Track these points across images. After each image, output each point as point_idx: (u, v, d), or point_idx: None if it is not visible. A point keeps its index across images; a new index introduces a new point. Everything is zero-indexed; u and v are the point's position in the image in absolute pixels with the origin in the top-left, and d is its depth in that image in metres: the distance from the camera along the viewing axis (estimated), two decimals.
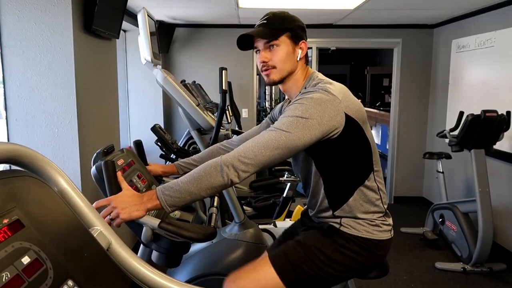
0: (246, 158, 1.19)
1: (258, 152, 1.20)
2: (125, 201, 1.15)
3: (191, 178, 1.20)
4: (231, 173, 1.18)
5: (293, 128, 1.21)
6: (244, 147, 1.22)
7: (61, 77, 2.12)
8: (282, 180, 2.79)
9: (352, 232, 1.37)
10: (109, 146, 1.42)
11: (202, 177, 1.19)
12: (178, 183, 1.19)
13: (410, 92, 4.92)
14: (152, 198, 1.18)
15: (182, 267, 2.06)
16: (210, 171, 1.19)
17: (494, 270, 3.14)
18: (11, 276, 0.63)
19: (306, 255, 1.36)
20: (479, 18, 3.80)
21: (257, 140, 1.22)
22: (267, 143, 1.21)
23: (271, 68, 1.38)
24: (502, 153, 3.40)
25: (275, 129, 1.23)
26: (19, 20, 2.06)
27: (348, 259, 1.36)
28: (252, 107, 5.02)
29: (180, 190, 1.18)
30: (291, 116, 1.23)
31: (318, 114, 1.22)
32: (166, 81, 2.05)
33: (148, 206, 1.17)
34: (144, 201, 1.17)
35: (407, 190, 5.08)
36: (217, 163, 1.20)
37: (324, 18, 4.31)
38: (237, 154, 1.20)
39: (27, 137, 2.13)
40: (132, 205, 1.15)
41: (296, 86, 1.42)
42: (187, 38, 4.79)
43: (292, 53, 1.39)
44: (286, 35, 1.37)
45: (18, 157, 0.83)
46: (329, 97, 1.26)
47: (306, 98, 1.26)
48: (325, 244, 1.37)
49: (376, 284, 2.89)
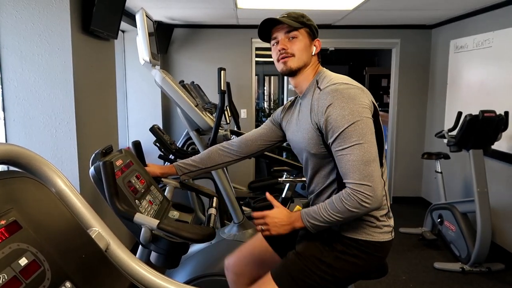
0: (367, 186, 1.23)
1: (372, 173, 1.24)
2: (279, 217, 1.36)
3: (329, 212, 1.28)
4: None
5: (360, 136, 1.24)
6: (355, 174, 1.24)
7: (59, 78, 2.12)
8: (281, 181, 2.79)
9: (352, 235, 1.36)
10: (107, 147, 1.41)
11: (343, 213, 1.25)
12: (319, 214, 1.29)
13: (408, 92, 4.92)
14: (299, 221, 1.34)
15: (181, 268, 2.06)
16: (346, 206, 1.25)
17: (492, 270, 3.14)
18: (8, 278, 0.62)
19: (307, 268, 1.36)
20: (477, 19, 3.81)
21: (352, 165, 1.25)
22: (364, 159, 1.24)
23: (290, 56, 1.41)
24: (500, 153, 3.40)
25: (352, 147, 1.25)
26: (17, 21, 2.05)
27: (349, 265, 1.36)
28: (251, 107, 5.01)
29: (322, 221, 1.29)
30: (348, 126, 1.25)
31: (361, 108, 1.27)
32: (164, 81, 2.05)
33: (295, 225, 1.35)
34: (292, 221, 1.35)
35: (406, 190, 5.08)
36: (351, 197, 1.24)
37: (323, 19, 4.32)
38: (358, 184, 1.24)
39: (25, 138, 2.12)
40: (281, 224, 1.35)
41: (307, 80, 1.44)
42: (185, 39, 4.79)
43: (309, 47, 1.44)
44: (304, 29, 1.43)
45: (15, 158, 0.82)
46: (353, 89, 1.31)
47: (340, 100, 1.28)
48: (325, 253, 1.37)
49: (375, 284, 2.89)
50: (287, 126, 1.58)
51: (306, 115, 1.39)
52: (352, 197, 1.22)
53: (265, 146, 1.70)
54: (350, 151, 1.24)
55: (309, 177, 1.48)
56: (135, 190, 1.38)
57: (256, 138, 1.69)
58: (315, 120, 1.34)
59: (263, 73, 9.61)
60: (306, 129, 1.39)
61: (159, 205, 1.48)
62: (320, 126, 1.32)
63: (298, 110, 1.50)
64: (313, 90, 1.40)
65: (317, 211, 1.29)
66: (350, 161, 1.24)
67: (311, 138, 1.37)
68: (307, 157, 1.44)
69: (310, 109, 1.36)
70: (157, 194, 1.52)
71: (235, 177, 4.28)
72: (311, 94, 1.40)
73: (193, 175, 1.71)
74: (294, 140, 1.50)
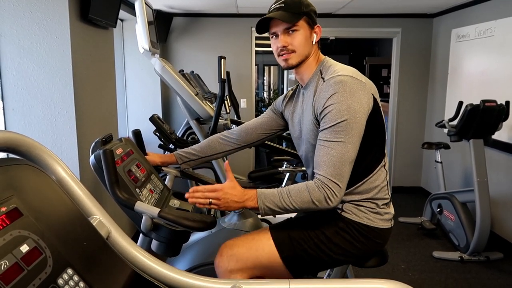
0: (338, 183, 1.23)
1: (343, 170, 1.24)
2: (230, 193, 1.25)
3: (292, 198, 1.25)
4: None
5: (348, 135, 1.24)
6: (328, 168, 1.24)
7: (58, 67, 2.10)
8: (281, 170, 2.78)
9: (353, 218, 1.37)
10: (107, 136, 1.41)
11: (304, 203, 1.24)
12: (279, 199, 1.25)
13: (409, 82, 4.90)
14: (253, 201, 1.27)
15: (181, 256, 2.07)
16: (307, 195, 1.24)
17: (491, 259, 3.16)
18: (10, 264, 0.62)
19: (306, 233, 1.37)
20: (479, 7, 3.78)
21: (332, 161, 1.24)
22: (344, 158, 1.24)
23: (291, 53, 1.38)
24: (501, 143, 3.40)
25: (335, 142, 1.24)
26: (14, 8, 2.02)
27: (346, 243, 1.37)
28: (250, 97, 4.99)
29: (280, 206, 1.26)
30: (340, 122, 1.24)
31: (358, 106, 1.25)
32: (164, 70, 2.04)
33: (247, 204, 1.27)
34: (245, 199, 1.27)
35: (405, 180, 5.09)
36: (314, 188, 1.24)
37: (323, 7, 4.28)
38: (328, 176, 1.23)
39: (24, 127, 2.11)
40: (233, 201, 1.26)
41: (309, 69, 1.43)
42: (185, 28, 4.75)
43: (309, 37, 1.39)
44: (303, 19, 1.37)
45: (15, 145, 0.82)
46: (357, 83, 1.28)
47: (339, 93, 1.26)
48: (326, 226, 1.38)
49: (374, 273, 2.90)
50: (290, 115, 1.56)
51: (310, 106, 1.38)
52: (320, 190, 1.23)
53: (265, 135, 1.69)
54: (333, 146, 1.25)
55: (311, 168, 1.48)
56: (136, 178, 1.38)
57: (256, 127, 1.69)
58: (315, 110, 1.33)
59: (262, 63, 9.54)
60: (309, 120, 1.38)
61: (160, 193, 1.48)
62: (318, 115, 1.32)
63: (301, 100, 1.48)
64: (317, 81, 1.38)
65: (278, 196, 1.26)
66: (329, 155, 1.24)
67: (313, 129, 1.37)
68: (308, 147, 1.43)
69: (313, 100, 1.35)
70: (157, 183, 1.52)
71: (235, 166, 4.27)
72: (314, 85, 1.38)
73: (194, 164, 1.70)
74: (298, 130, 1.49)
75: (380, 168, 1.39)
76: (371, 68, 7.58)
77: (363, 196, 1.37)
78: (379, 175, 1.39)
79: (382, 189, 1.39)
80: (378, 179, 1.38)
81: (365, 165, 1.36)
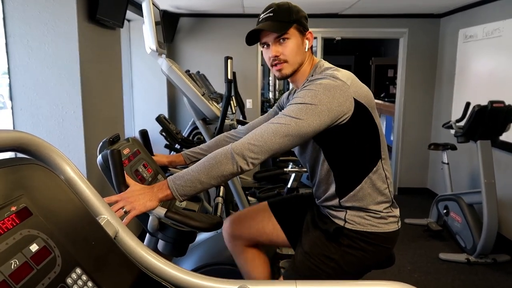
0: (255, 146, 1.18)
1: (267, 139, 1.19)
2: (136, 194, 1.15)
3: (202, 167, 1.18)
4: (241, 161, 1.17)
5: (303, 114, 1.20)
6: (254, 134, 1.21)
7: (65, 67, 2.11)
8: (287, 171, 2.78)
9: (357, 228, 1.35)
10: (114, 136, 1.41)
11: (212, 166, 1.17)
12: (188, 172, 1.19)
13: (415, 82, 4.87)
14: (162, 188, 1.17)
15: (187, 256, 2.07)
16: (220, 159, 1.18)
17: (498, 261, 3.14)
18: (20, 263, 0.63)
19: (316, 267, 1.36)
20: (487, 7, 3.75)
21: (267, 127, 1.21)
22: (277, 130, 1.19)
23: (283, 63, 1.36)
24: (509, 144, 3.37)
25: (284, 116, 1.22)
26: (23, 9, 2.04)
27: (358, 258, 1.36)
28: (256, 98, 5.00)
29: (191, 179, 1.17)
30: (300, 103, 1.22)
31: (327, 99, 1.21)
32: (171, 70, 2.04)
33: (159, 196, 1.16)
34: (155, 192, 1.17)
35: (412, 181, 5.06)
36: (227, 151, 1.18)
37: (329, 8, 4.26)
38: (247, 141, 1.19)
39: (32, 126, 2.13)
40: (144, 197, 1.15)
41: (303, 76, 1.41)
42: (191, 28, 4.76)
43: (301, 45, 1.37)
44: (294, 27, 1.34)
45: (24, 145, 0.82)
46: (337, 82, 1.25)
47: (315, 84, 1.25)
48: (332, 250, 1.36)
49: (380, 274, 2.88)
50: None
51: None
52: (237, 154, 1.17)
53: None
54: (277, 119, 1.21)
55: (310, 167, 1.49)
56: (143, 178, 1.39)
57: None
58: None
59: None
60: None
61: None
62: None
63: None
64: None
65: (187, 170, 1.19)
66: (266, 126, 1.21)
67: None
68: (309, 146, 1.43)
69: None
70: None
71: None
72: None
73: None
74: None
75: (377, 171, 1.36)
76: (377, 69, 7.56)
77: (362, 203, 1.35)
78: (376, 178, 1.35)
79: (382, 192, 1.37)
80: (376, 183, 1.35)
81: (361, 167, 1.35)
